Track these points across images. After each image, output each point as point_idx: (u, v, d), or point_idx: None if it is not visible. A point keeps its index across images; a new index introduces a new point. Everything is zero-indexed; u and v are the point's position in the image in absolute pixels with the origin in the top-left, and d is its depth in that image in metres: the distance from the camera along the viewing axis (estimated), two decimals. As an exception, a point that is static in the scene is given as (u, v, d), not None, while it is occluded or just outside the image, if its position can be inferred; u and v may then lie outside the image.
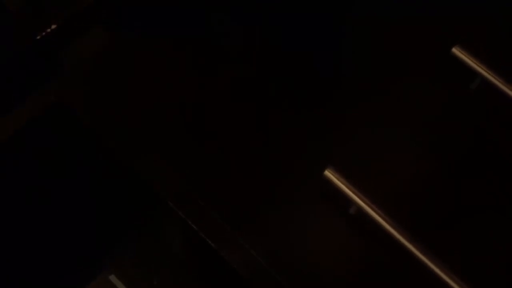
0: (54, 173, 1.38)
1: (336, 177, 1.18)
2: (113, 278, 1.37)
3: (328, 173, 1.19)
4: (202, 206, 1.21)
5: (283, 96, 1.36)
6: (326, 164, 1.20)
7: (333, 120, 1.33)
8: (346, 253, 1.21)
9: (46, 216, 1.40)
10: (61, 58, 1.36)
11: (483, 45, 1.36)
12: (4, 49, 1.30)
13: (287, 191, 1.25)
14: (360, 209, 1.17)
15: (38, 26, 1.30)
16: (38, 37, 1.28)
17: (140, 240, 1.44)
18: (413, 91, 1.37)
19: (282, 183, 1.26)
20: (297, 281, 1.16)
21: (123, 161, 1.27)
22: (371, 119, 1.33)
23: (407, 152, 1.30)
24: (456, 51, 1.33)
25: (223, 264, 1.19)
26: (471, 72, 1.33)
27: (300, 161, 1.27)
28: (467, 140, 1.32)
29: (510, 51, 1.41)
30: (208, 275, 1.39)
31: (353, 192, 1.17)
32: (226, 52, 1.41)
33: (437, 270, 1.12)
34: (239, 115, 1.33)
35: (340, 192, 1.18)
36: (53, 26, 1.29)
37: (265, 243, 1.19)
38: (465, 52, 1.32)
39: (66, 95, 1.32)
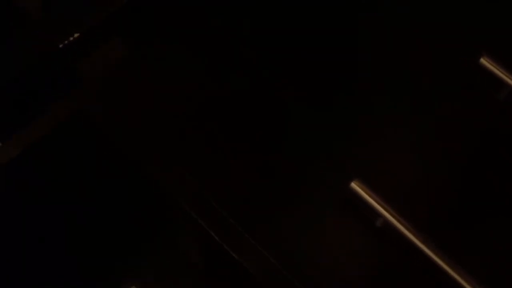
0: (75, 182, 1.37)
1: (362, 189, 1.16)
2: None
3: (354, 185, 1.16)
4: (220, 213, 1.20)
5: (309, 107, 1.35)
6: (353, 176, 1.18)
7: (360, 132, 1.31)
8: (372, 266, 1.19)
9: (63, 225, 1.39)
10: (80, 68, 1.36)
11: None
12: (24, 58, 1.30)
13: (312, 204, 1.23)
14: (386, 221, 1.15)
15: (59, 36, 1.30)
16: (60, 47, 1.27)
17: (160, 251, 1.43)
18: (441, 102, 1.35)
19: (307, 195, 1.24)
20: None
21: (142, 172, 1.26)
22: (399, 131, 1.31)
23: (436, 165, 1.28)
24: (484, 61, 1.31)
25: (243, 273, 1.17)
26: (499, 82, 1.31)
27: (327, 173, 1.25)
28: (496, 152, 1.30)
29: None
30: (221, 280, 1.37)
31: (380, 204, 1.15)
32: (240, 58, 1.40)
33: (467, 286, 1.10)
34: (262, 122, 1.32)
35: (367, 204, 1.16)
36: (74, 36, 1.29)
37: (285, 251, 1.17)
38: (493, 62, 1.30)
39: (84, 105, 1.32)
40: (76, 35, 1.28)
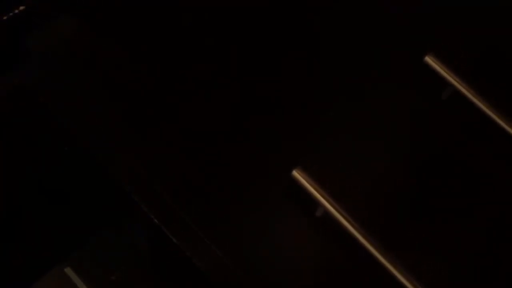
0: (14, 160, 1.34)
1: (304, 178, 1.16)
2: (68, 270, 1.33)
3: (296, 174, 1.17)
4: (167, 202, 1.19)
5: (253, 95, 1.34)
6: (295, 165, 1.19)
7: (303, 122, 1.32)
8: (310, 256, 1.20)
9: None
10: (26, 43, 1.32)
11: (457, 54, 1.37)
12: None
13: (253, 191, 1.23)
14: (326, 211, 1.15)
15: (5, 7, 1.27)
16: (5, 18, 1.25)
17: (99, 233, 1.41)
18: (384, 97, 1.37)
19: (248, 182, 1.24)
20: (258, 280, 1.15)
21: (86, 150, 1.24)
22: (342, 124, 1.32)
23: (378, 158, 1.30)
24: (429, 59, 1.33)
25: (185, 262, 1.17)
26: (443, 81, 1.33)
27: (269, 161, 1.26)
28: (435, 148, 1.32)
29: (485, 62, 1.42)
30: (169, 273, 1.36)
31: (321, 194, 1.16)
32: (200, 46, 1.38)
33: (403, 280, 1.11)
34: (207, 111, 1.30)
35: (307, 193, 1.17)
36: (21, 8, 1.26)
37: (228, 242, 1.17)
38: (438, 61, 1.32)
39: (29, 80, 1.29)
40: (21, 8, 1.25)
